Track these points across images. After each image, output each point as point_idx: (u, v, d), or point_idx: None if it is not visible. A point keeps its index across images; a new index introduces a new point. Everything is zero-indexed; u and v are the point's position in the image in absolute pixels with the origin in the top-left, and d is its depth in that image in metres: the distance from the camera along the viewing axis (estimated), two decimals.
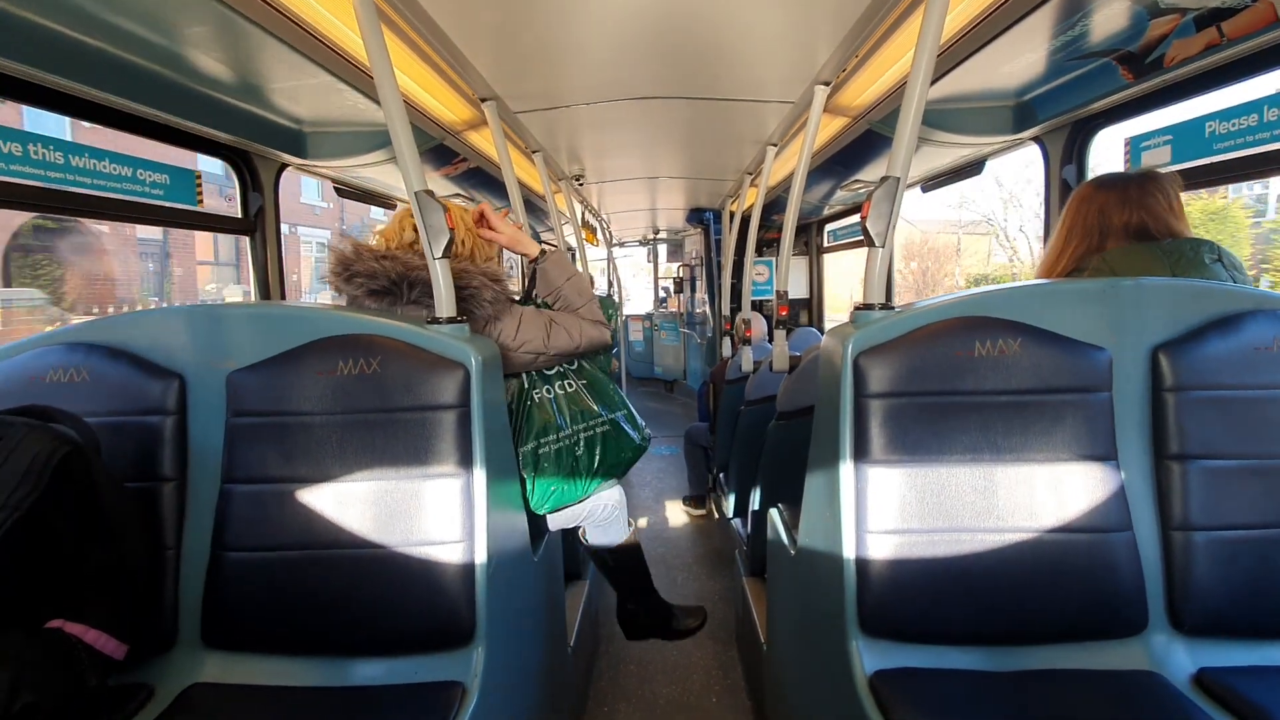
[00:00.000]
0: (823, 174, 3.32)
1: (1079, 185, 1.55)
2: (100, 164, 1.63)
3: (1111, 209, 1.42)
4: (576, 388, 1.72)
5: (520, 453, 1.57)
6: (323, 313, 1.28)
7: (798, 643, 1.52)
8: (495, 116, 2.11)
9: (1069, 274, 1.48)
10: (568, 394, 1.69)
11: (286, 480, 1.19)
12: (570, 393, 1.70)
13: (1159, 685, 1.08)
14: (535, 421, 1.62)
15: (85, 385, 1.21)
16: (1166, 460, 1.18)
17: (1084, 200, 1.48)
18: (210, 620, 1.18)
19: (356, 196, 2.99)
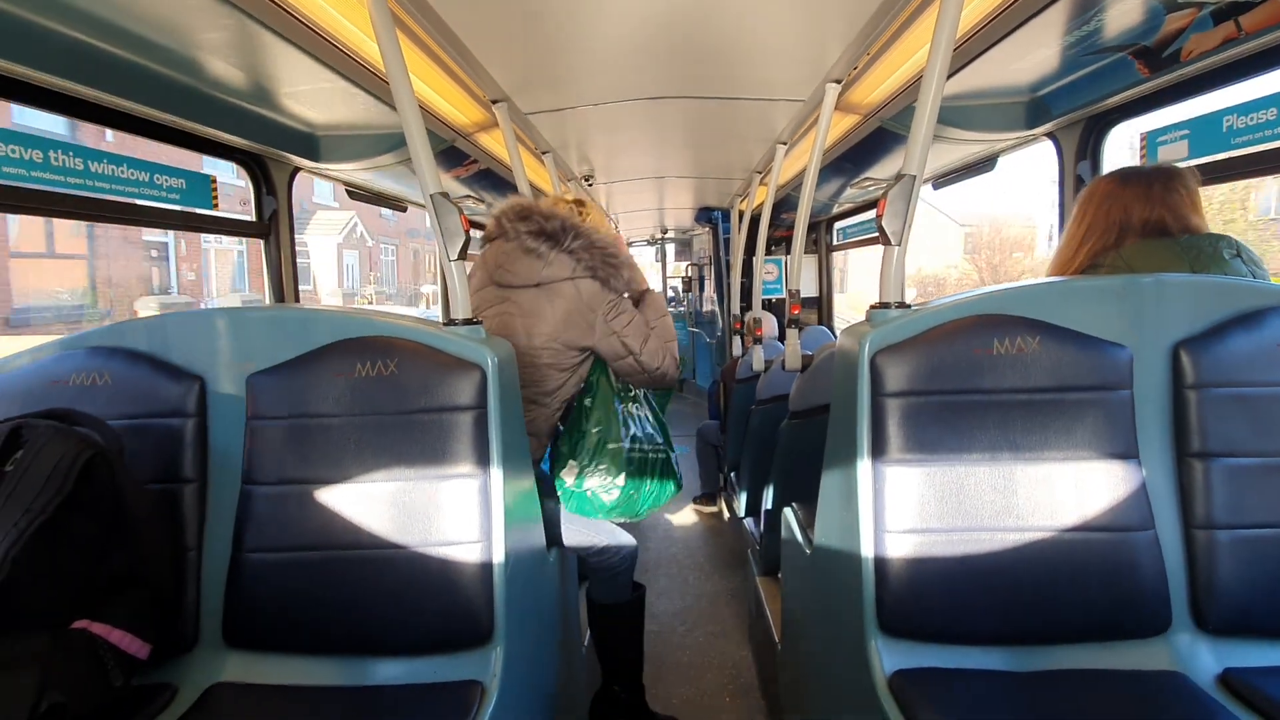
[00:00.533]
0: (833, 172, 3.31)
1: (1093, 180, 1.52)
2: (119, 169, 1.65)
3: (1135, 206, 1.40)
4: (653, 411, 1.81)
5: (609, 447, 1.63)
6: (341, 315, 1.29)
7: (814, 642, 1.52)
8: (506, 118, 2.12)
9: (1084, 271, 1.47)
10: (651, 413, 1.78)
11: (306, 481, 1.20)
12: (654, 413, 1.79)
13: (1184, 685, 1.07)
14: (630, 426, 1.69)
15: (107, 388, 1.23)
16: (1189, 458, 1.17)
17: (1105, 196, 1.46)
18: (231, 620, 1.20)
19: (367, 199, 3.01)
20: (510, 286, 1.62)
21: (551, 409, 1.69)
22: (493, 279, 1.64)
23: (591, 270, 1.63)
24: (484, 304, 1.64)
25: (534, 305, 1.60)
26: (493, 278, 1.64)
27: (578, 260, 1.60)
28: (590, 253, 1.63)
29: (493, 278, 1.64)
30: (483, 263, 1.68)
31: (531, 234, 1.58)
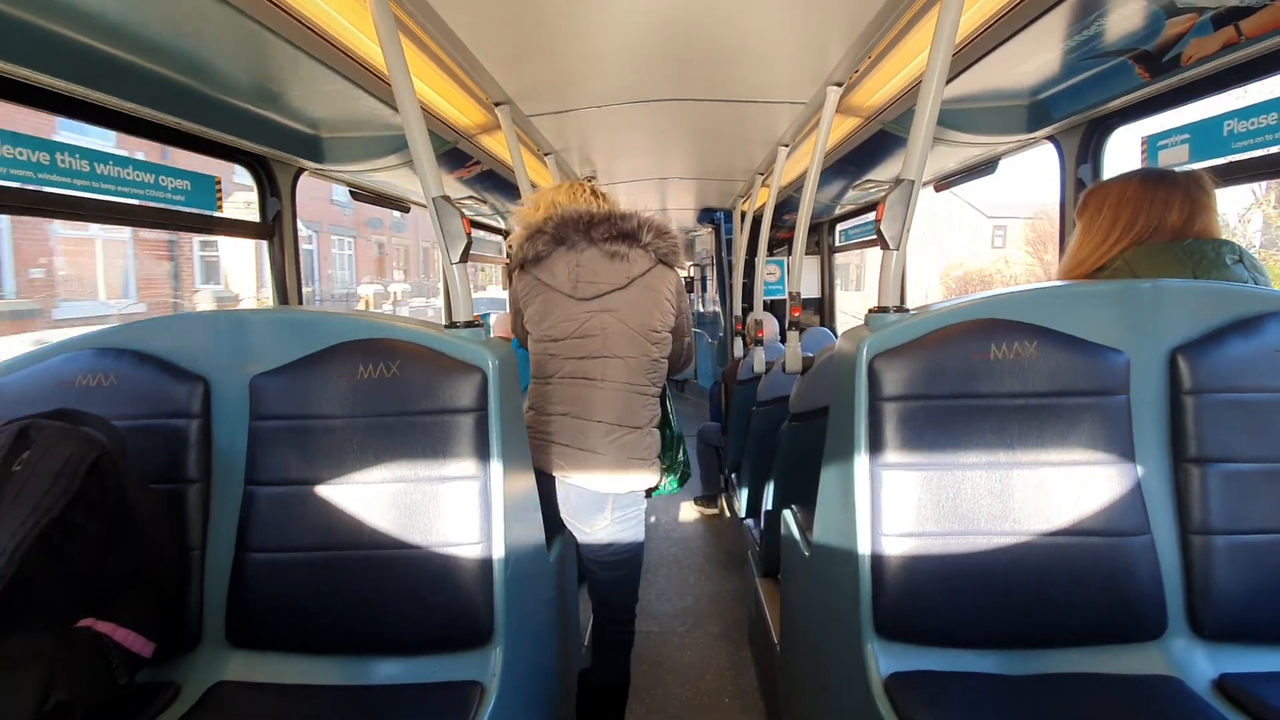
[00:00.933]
0: (835, 174, 3.32)
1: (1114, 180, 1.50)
2: (124, 171, 1.66)
3: (1172, 208, 1.37)
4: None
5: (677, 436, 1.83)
6: (343, 317, 1.30)
7: (812, 644, 1.53)
8: (508, 120, 2.13)
9: (1094, 271, 1.46)
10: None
11: (308, 482, 1.21)
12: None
13: (1179, 690, 1.08)
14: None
15: (112, 389, 1.24)
16: (1185, 463, 1.18)
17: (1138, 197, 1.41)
18: (235, 619, 1.21)
19: (371, 200, 3.02)
20: (596, 296, 1.61)
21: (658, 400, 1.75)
22: (571, 294, 1.61)
23: (662, 256, 1.66)
24: (567, 319, 1.62)
25: (632, 305, 1.62)
26: (572, 293, 1.60)
27: (654, 250, 1.64)
28: (661, 239, 1.66)
29: (572, 293, 1.60)
30: (542, 285, 1.63)
31: (612, 239, 1.59)
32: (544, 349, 1.65)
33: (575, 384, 1.62)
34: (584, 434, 1.61)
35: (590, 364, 1.61)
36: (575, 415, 1.62)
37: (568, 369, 1.63)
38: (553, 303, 1.62)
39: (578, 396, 1.62)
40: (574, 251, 1.60)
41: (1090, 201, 1.48)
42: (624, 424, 1.63)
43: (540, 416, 1.66)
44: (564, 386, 1.63)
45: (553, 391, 1.64)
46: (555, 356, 1.64)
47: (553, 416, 1.63)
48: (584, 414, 1.61)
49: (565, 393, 1.63)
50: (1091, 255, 1.45)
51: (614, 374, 1.62)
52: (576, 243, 1.60)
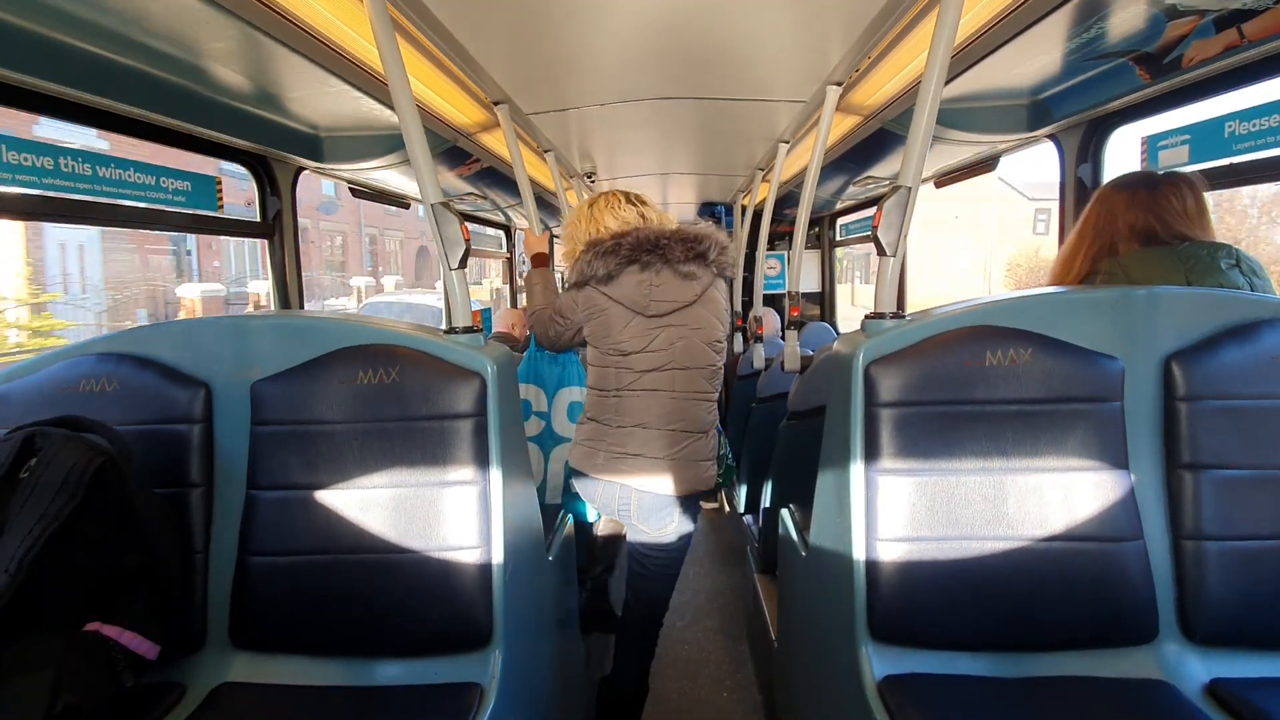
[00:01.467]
0: (835, 170, 3.31)
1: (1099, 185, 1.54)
2: (125, 173, 1.67)
3: (1119, 211, 1.42)
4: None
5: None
6: (343, 323, 1.31)
7: (808, 644, 1.55)
8: (508, 119, 2.13)
9: (1084, 277, 1.48)
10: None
11: (310, 487, 1.22)
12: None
13: (1170, 695, 1.09)
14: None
15: (115, 394, 1.25)
16: (1179, 469, 1.18)
17: (1098, 201, 1.48)
18: (238, 622, 1.23)
19: (371, 196, 3.02)
20: (668, 314, 1.66)
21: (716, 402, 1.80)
22: (643, 312, 1.65)
23: (720, 270, 1.74)
24: (638, 334, 1.66)
25: (699, 319, 1.69)
26: (643, 311, 1.64)
27: (716, 266, 1.71)
28: (723, 256, 1.73)
29: (643, 311, 1.64)
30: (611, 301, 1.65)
31: (687, 260, 1.64)
32: (612, 362, 1.68)
33: (647, 395, 1.67)
34: (658, 443, 1.66)
35: (661, 376, 1.66)
36: (648, 426, 1.66)
37: (640, 382, 1.67)
38: (621, 318, 1.65)
39: (650, 407, 1.67)
40: (648, 271, 1.64)
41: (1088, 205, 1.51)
42: (693, 430, 1.70)
43: (608, 428, 1.69)
44: (635, 399, 1.67)
45: (622, 404, 1.68)
46: (626, 370, 1.67)
47: (625, 429, 1.67)
48: (657, 424, 1.67)
49: (637, 404, 1.67)
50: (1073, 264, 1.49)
51: (682, 384, 1.68)
52: (651, 263, 1.63)
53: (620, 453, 1.67)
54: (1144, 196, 1.41)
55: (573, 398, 1.98)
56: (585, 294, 1.67)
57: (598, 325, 1.67)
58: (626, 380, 1.67)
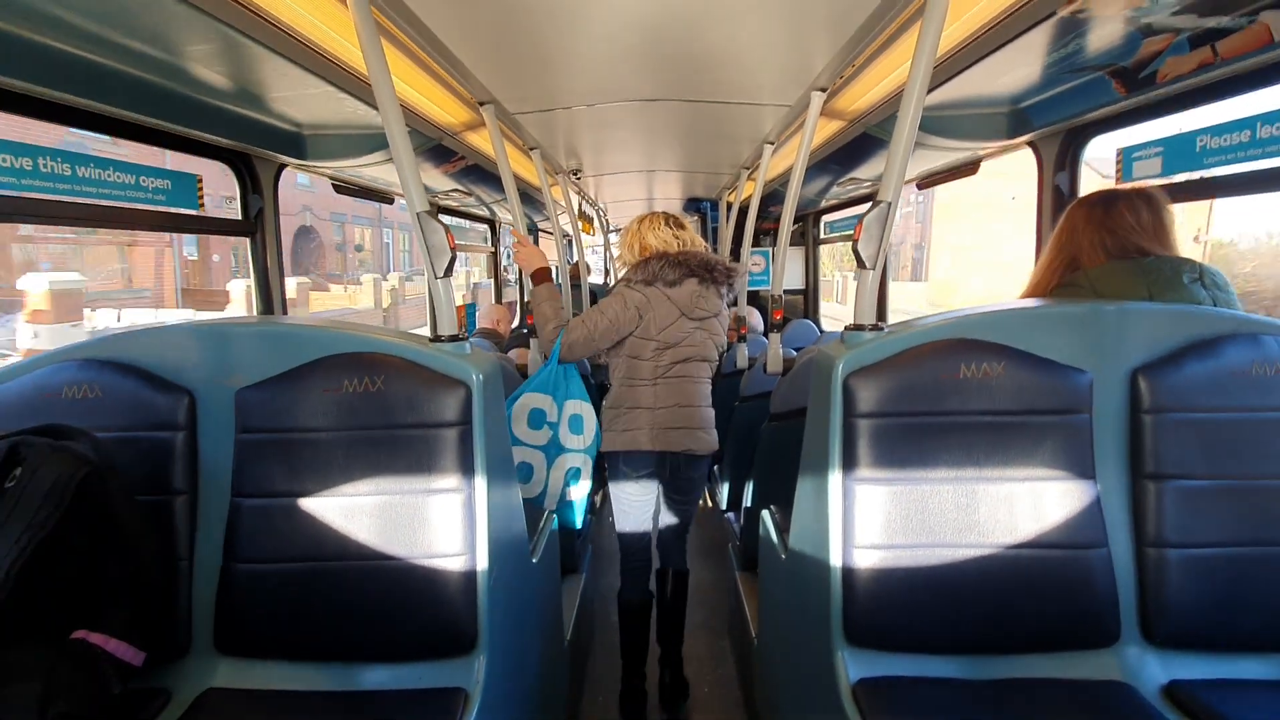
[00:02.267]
0: (819, 171, 3.33)
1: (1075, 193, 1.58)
2: (105, 173, 1.65)
3: (1080, 227, 1.47)
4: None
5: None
6: (328, 331, 1.31)
7: (786, 644, 1.59)
8: (493, 119, 2.12)
9: (1055, 289, 1.52)
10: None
11: (294, 494, 1.23)
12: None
13: (1129, 695, 1.14)
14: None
15: (98, 401, 1.25)
16: (1143, 479, 1.23)
17: (1065, 218, 1.53)
18: (223, 628, 1.24)
19: (354, 193, 2.99)
20: (703, 318, 2.10)
21: None
22: (689, 315, 2.06)
23: (734, 292, 2.22)
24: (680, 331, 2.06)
25: (717, 327, 2.16)
26: (689, 315, 2.06)
27: (733, 289, 2.18)
28: (739, 280, 2.21)
29: (689, 315, 2.06)
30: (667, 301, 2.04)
31: (722, 282, 2.10)
32: (652, 354, 2.05)
33: (680, 381, 2.09)
34: (690, 417, 2.10)
35: (688, 366, 2.10)
36: (682, 404, 2.09)
37: (673, 370, 2.08)
38: (670, 316, 2.04)
39: (682, 389, 2.09)
40: (701, 285, 2.06)
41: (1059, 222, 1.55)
42: (705, 405, 2.16)
43: (649, 411, 2.07)
44: (671, 384, 2.08)
45: (658, 390, 2.07)
46: (665, 362, 2.07)
47: (666, 408, 2.07)
48: (688, 402, 2.10)
49: (671, 388, 2.08)
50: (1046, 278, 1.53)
51: (701, 373, 2.14)
52: (705, 279, 2.06)
53: (664, 428, 2.07)
54: (1099, 214, 1.46)
55: (574, 410, 2.13)
56: (651, 291, 2.02)
57: (651, 319, 2.02)
58: (663, 370, 2.06)
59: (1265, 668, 1.20)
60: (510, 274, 6.15)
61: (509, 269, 5.65)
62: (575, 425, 2.12)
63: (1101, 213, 1.45)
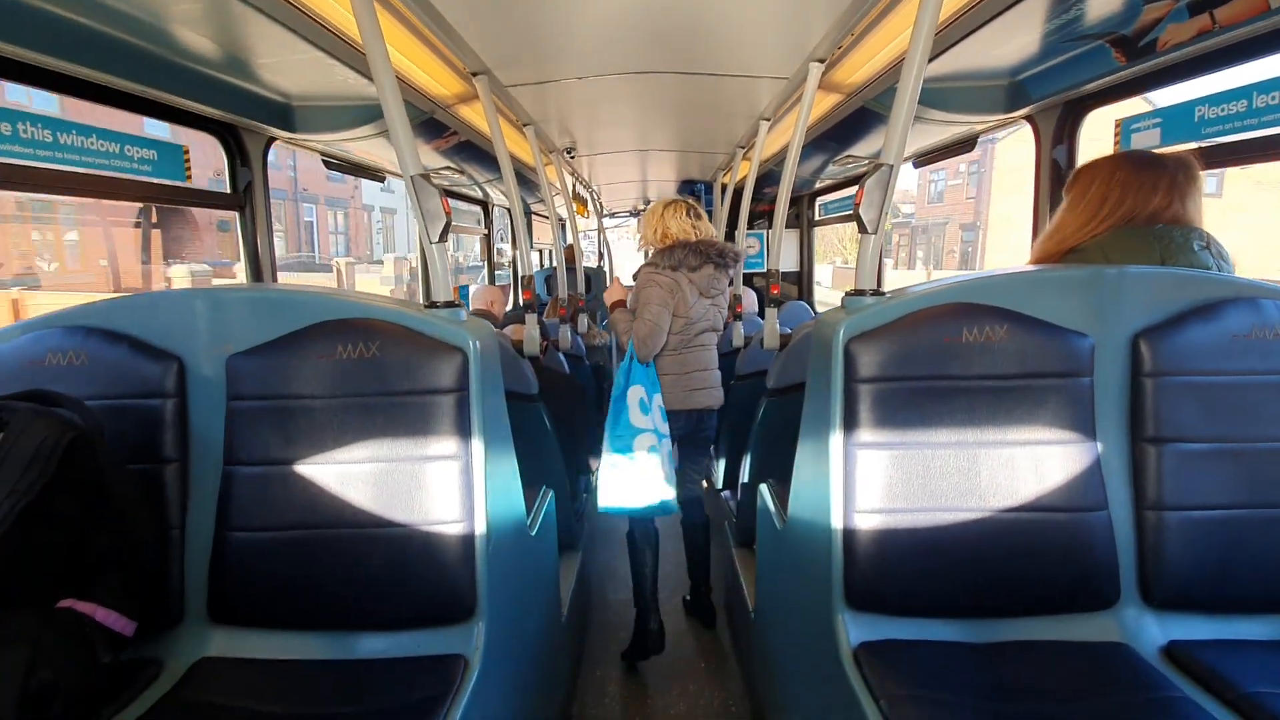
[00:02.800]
0: (816, 149, 3.31)
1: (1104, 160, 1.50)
2: (88, 140, 1.61)
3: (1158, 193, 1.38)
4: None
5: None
6: (320, 296, 1.28)
7: (785, 614, 1.58)
8: (486, 90, 2.08)
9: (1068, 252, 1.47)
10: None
11: (288, 462, 1.21)
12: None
13: (1129, 656, 1.15)
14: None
15: (84, 368, 1.22)
16: (1143, 443, 1.23)
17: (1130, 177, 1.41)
18: (216, 597, 1.22)
19: (345, 169, 2.95)
20: (715, 296, 2.45)
21: None
22: (705, 294, 2.41)
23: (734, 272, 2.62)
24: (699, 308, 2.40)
25: (723, 303, 2.53)
26: (706, 294, 2.40)
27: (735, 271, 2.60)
28: (739, 262, 2.65)
29: (706, 294, 2.40)
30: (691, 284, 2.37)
31: (729, 266, 2.44)
32: (679, 327, 2.38)
33: (699, 350, 2.47)
34: (707, 378, 2.49)
35: (705, 335, 2.48)
36: (701, 369, 2.47)
37: (694, 340, 2.43)
38: (692, 295, 2.36)
39: (701, 357, 2.47)
40: (717, 270, 2.40)
41: (1081, 178, 1.49)
42: (716, 367, 2.55)
43: (679, 375, 2.43)
44: (694, 352, 2.45)
45: (685, 358, 2.43)
46: (690, 334, 2.41)
47: (690, 373, 2.44)
48: (706, 366, 2.49)
49: (693, 355, 2.45)
50: (1076, 232, 1.45)
51: (712, 341, 2.52)
52: (718, 263, 2.40)
53: (689, 390, 2.44)
54: (1181, 181, 1.38)
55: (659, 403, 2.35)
56: (678, 275, 2.34)
57: (680, 299, 2.34)
58: (687, 341, 2.42)
59: (1262, 628, 1.21)
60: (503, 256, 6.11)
61: (502, 251, 5.60)
62: (662, 415, 2.34)
63: (1184, 180, 1.38)
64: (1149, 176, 1.39)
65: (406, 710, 1.05)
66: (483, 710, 1.15)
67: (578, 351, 3.48)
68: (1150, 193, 1.39)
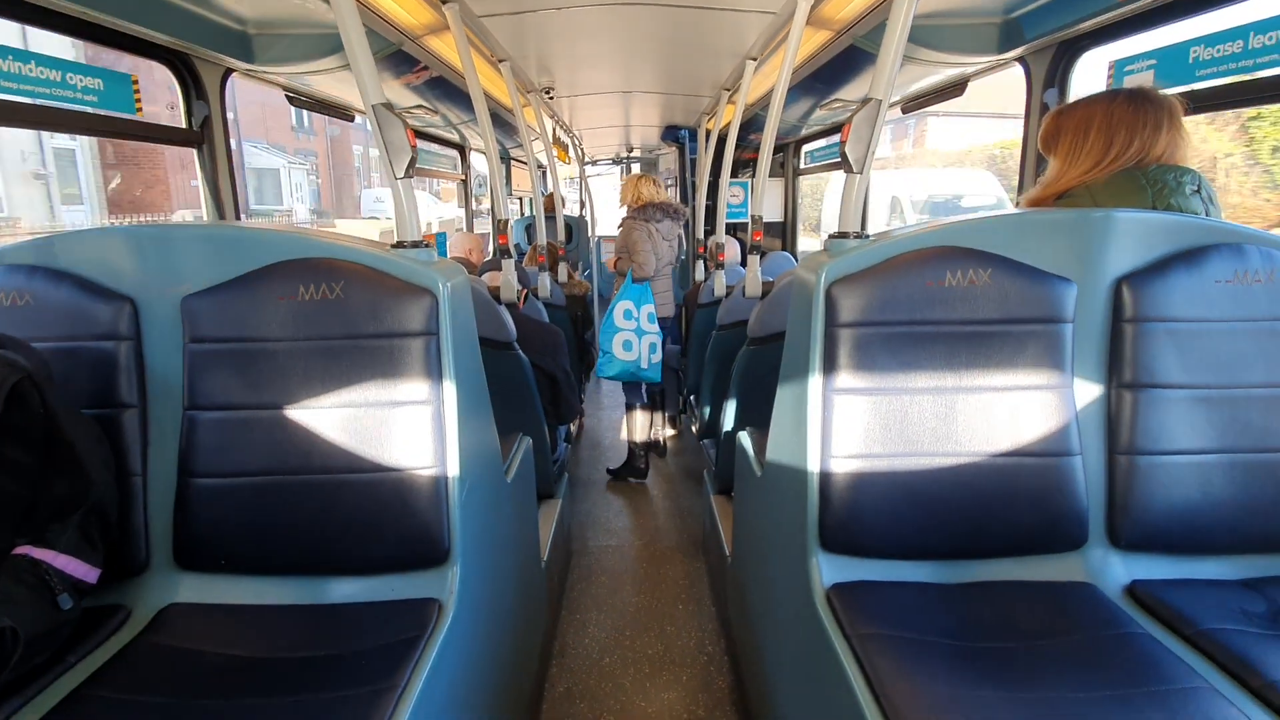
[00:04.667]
0: (803, 91, 3.21)
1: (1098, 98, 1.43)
2: (25, 67, 1.49)
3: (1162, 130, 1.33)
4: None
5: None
6: (279, 234, 1.22)
7: (761, 557, 1.60)
8: (457, 19, 1.97)
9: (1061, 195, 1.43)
10: None
11: (251, 407, 1.17)
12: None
13: (1092, 594, 1.17)
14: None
15: (30, 309, 1.16)
16: (1120, 388, 1.23)
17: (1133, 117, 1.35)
18: (182, 543, 1.19)
19: (310, 106, 2.81)
20: (670, 239, 3.68)
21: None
22: (665, 238, 3.62)
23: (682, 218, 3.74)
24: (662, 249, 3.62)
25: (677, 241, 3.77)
26: (665, 238, 3.63)
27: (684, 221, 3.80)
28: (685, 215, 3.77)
29: (665, 238, 3.63)
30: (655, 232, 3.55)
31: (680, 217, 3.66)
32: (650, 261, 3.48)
33: (665, 278, 3.77)
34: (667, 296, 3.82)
35: (668, 267, 3.77)
36: (665, 289, 3.78)
37: (660, 269, 3.65)
38: (658, 237, 3.55)
39: (665, 282, 3.77)
40: (673, 222, 3.64)
41: (1069, 122, 1.42)
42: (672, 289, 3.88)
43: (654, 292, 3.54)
44: (661, 279, 3.71)
45: (659, 284, 3.67)
46: (658, 264, 3.57)
47: (660, 291, 3.68)
48: (668, 288, 3.82)
49: (662, 282, 3.72)
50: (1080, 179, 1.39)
51: (669, 270, 3.82)
52: (675, 218, 3.63)
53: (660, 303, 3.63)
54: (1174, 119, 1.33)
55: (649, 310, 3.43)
56: (643, 226, 3.49)
57: (654, 242, 3.52)
58: (658, 269, 3.61)
59: (1222, 568, 1.24)
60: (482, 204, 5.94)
61: (480, 198, 5.45)
62: (650, 319, 3.42)
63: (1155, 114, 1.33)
64: (1150, 114, 1.34)
65: (381, 651, 1.05)
66: (458, 651, 1.16)
67: (557, 301, 3.43)
68: (1155, 131, 1.33)
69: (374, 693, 0.94)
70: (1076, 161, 1.41)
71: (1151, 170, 1.32)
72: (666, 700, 1.96)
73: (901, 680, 0.94)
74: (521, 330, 2.22)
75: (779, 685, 1.42)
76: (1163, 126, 1.33)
